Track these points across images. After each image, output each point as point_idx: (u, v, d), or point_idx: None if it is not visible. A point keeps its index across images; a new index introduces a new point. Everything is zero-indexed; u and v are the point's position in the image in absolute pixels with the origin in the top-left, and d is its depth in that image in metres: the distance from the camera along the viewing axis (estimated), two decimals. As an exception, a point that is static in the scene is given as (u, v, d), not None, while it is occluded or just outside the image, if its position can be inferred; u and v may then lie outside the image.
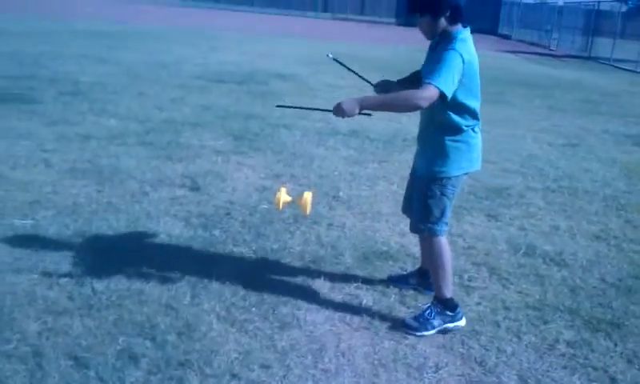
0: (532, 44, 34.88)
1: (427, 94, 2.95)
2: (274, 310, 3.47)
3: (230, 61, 14.34)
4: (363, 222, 4.91)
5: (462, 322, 3.42)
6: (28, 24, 20.47)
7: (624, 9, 29.65)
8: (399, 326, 3.40)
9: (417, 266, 3.95)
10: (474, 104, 3.28)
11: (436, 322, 3.38)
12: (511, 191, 6.01)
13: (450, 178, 3.30)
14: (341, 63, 3.75)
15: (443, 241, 3.39)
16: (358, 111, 3.01)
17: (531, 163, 7.18)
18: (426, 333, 3.34)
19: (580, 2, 31.99)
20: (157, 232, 4.40)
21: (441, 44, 3.13)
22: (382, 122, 8.21)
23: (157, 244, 4.20)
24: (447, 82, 2.98)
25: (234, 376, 2.87)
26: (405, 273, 3.98)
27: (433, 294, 3.51)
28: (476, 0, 55.62)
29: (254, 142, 7.06)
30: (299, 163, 6.18)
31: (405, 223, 4.91)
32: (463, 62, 3.03)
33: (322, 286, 3.79)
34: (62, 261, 3.86)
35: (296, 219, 4.75)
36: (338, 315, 3.45)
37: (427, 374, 3.02)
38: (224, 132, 7.46)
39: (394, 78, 3.56)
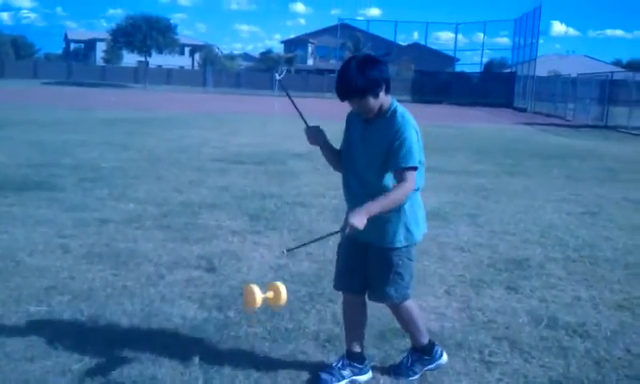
0: (548, 115, 35.11)
1: (412, 179, 3.11)
2: (288, 392, 3.39)
3: (249, 143, 14.57)
4: (380, 298, 4.84)
5: (444, 358, 3.66)
6: (57, 114, 21.11)
7: (638, 77, 29.82)
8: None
9: (347, 350, 3.61)
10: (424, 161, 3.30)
11: (418, 368, 3.57)
12: (531, 262, 5.92)
13: (413, 243, 3.36)
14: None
15: (411, 300, 3.49)
16: (365, 222, 3.00)
17: (551, 233, 7.09)
18: (414, 377, 3.54)
19: (593, 74, 32.28)
20: (171, 315, 4.36)
21: (380, 118, 3.20)
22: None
23: (171, 328, 4.17)
24: (419, 153, 3.16)
25: None
26: (334, 366, 3.55)
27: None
28: (491, 77, 56.71)
29: (271, 221, 7.08)
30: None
31: (422, 298, 4.86)
32: (414, 127, 3.18)
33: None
34: (76, 347, 3.83)
35: (311, 297, 4.71)
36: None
37: None
38: (241, 212, 7.51)
39: None
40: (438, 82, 51.96)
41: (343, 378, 3.51)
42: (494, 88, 49.19)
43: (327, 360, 3.72)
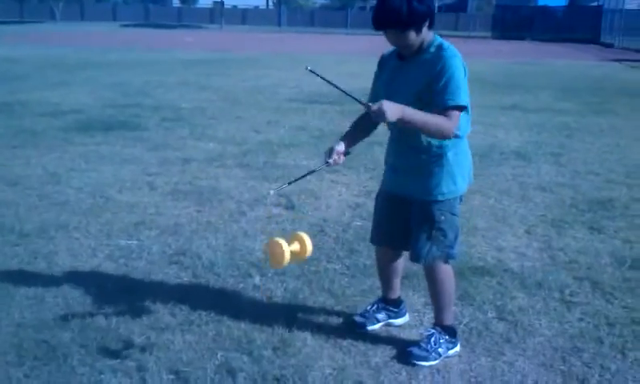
0: (638, 51, 33.31)
1: (456, 121, 2.82)
2: (367, 326, 3.47)
3: (326, 82, 14.51)
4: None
5: (458, 348, 3.24)
6: (134, 56, 21.59)
7: None
8: (406, 357, 3.17)
9: (383, 297, 3.54)
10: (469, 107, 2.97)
11: (442, 350, 3.17)
12: (615, 203, 5.75)
13: (458, 197, 3.11)
14: (319, 75, 3.16)
15: (450, 267, 3.20)
16: (395, 119, 2.73)
17: (637, 173, 6.84)
18: (433, 362, 3.12)
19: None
20: (253, 250, 4.51)
21: (421, 54, 2.91)
22: (477, 136, 8.07)
23: (253, 262, 4.30)
24: (466, 95, 2.84)
25: (328, 391, 2.89)
26: (368, 310, 3.52)
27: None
28: (576, 10, 54.17)
29: (347, 159, 7.08)
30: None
31: (502, 238, 4.83)
32: (462, 64, 2.87)
33: (416, 301, 3.76)
34: (164, 279, 4.04)
35: (390, 235, 4.74)
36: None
37: (526, 391, 2.93)
38: (318, 151, 7.56)
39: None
40: (521, 16, 49.90)
41: (378, 321, 3.45)
42: (579, 22, 46.91)
43: (404, 295, 3.78)
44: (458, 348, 3.23)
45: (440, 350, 3.16)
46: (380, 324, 3.47)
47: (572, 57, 27.44)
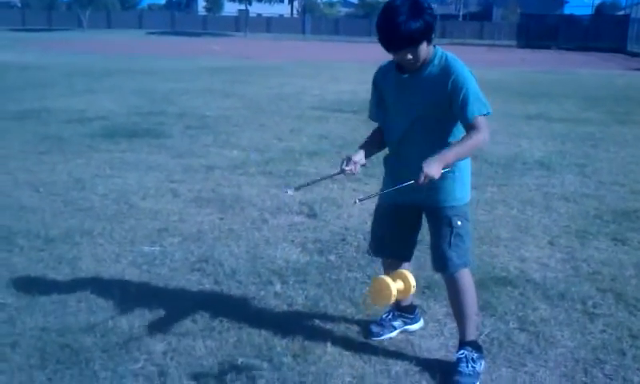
0: (665, 60, 32.91)
1: (486, 127, 2.80)
2: (388, 335, 3.47)
3: (348, 90, 14.57)
4: (481, 247, 4.80)
5: (483, 362, 3.16)
6: (158, 63, 21.82)
7: None
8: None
9: (404, 304, 3.50)
10: None
11: (477, 367, 3.09)
12: (641, 214, 5.68)
13: (468, 203, 3.10)
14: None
15: (469, 274, 3.15)
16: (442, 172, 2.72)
17: (664, 184, 6.76)
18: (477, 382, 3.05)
19: None
20: (275, 258, 4.53)
21: (425, 68, 2.86)
22: (500, 145, 8.03)
23: (275, 269, 4.32)
24: (486, 100, 2.83)
25: (347, 399, 2.89)
26: (384, 318, 3.50)
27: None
28: (602, 19, 53.63)
29: (369, 168, 7.02)
30: (415, 189, 6.12)
31: (525, 248, 4.80)
32: (470, 71, 2.87)
33: (437, 311, 3.75)
34: (187, 285, 4.07)
35: (411, 245, 4.73)
36: (452, 342, 3.38)
37: (547, 403, 2.90)
38: (340, 159, 7.55)
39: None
40: (546, 25, 49.63)
41: (395, 328, 3.46)
42: (605, 31, 46.52)
43: (426, 305, 3.77)
44: (483, 362, 3.18)
45: (477, 368, 3.09)
46: (397, 331, 3.48)
47: (597, 66, 27.19)
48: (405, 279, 2.93)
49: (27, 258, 4.42)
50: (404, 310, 3.50)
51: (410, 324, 3.53)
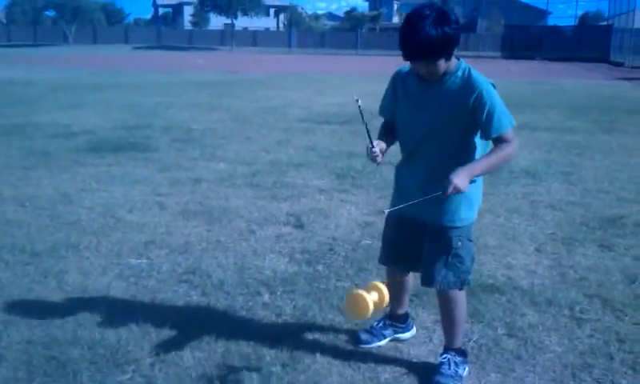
0: (648, 69, 33.25)
1: (514, 139, 2.83)
2: (376, 343, 3.46)
3: (335, 102, 14.61)
4: (468, 255, 4.82)
5: (467, 368, 3.20)
6: (144, 77, 21.78)
7: None
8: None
9: (391, 313, 3.50)
10: None
11: (460, 371, 3.13)
12: (626, 221, 5.72)
13: (473, 222, 3.08)
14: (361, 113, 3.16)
15: (463, 291, 3.15)
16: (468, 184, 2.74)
17: (648, 191, 6.82)
18: None
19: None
20: (263, 268, 4.52)
21: (448, 79, 2.85)
22: (486, 155, 8.04)
23: (263, 280, 4.31)
24: (510, 114, 2.85)
25: (337, 408, 2.89)
26: (375, 326, 3.50)
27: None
28: (585, 29, 54.18)
29: (357, 179, 7.14)
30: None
31: (512, 256, 4.82)
32: (491, 85, 2.86)
33: (425, 319, 3.75)
34: (174, 297, 4.05)
35: (399, 253, 4.74)
36: (441, 349, 3.38)
37: (536, 408, 2.91)
38: (327, 171, 7.60)
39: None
40: (530, 36, 50.07)
41: (384, 336, 3.45)
42: (588, 42, 46.98)
43: (414, 313, 3.78)
44: (467, 367, 3.21)
45: (459, 371, 3.12)
46: (387, 340, 3.47)
47: (581, 76, 27.46)
48: (379, 290, 3.04)
49: (13, 273, 4.39)
50: (396, 319, 3.49)
51: (402, 333, 3.51)
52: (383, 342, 3.46)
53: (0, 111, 12.63)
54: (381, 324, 3.49)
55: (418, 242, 3.10)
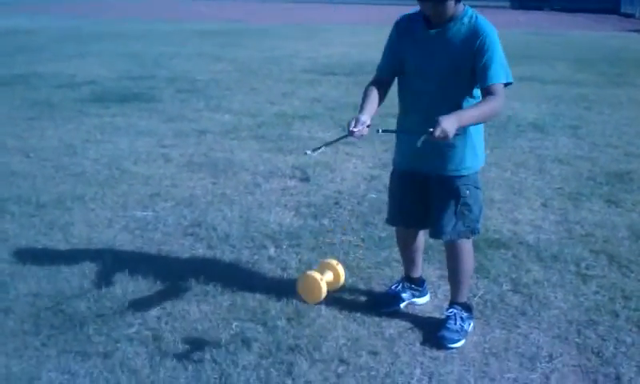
0: (659, 21, 32.68)
1: (503, 96, 2.74)
2: (382, 298, 3.47)
3: (340, 53, 14.44)
4: (474, 209, 4.80)
5: (473, 322, 3.20)
6: (148, 26, 21.52)
7: None
8: (440, 344, 3.06)
9: (407, 275, 3.47)
10: None
11: (466, 326, 3.13)
12: (633, 176, 5.68)
13: (479, 171, 3.04)
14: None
15: (471, 242, 3.15)
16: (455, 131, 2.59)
17: (657, 146, 6.76)
18: (464, 341, 3.06)
19: None
20: (268, 222, 4.51)
21: (453, 25, 2.79)
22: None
23: (268, 233, 4.31)
24: (509, 69, 2.79)
25: (342, 361, 2.91)
26: (393, 289, 3.47)
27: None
28: (596, -22, 53.05)
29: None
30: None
31: (518, 211, 4.80)
32: (498, 36, 2.79)
33: (430, 274, 3.75)
34: (180, 250, 4.06)
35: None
36: (446, 304, 3.37)
37: (540, 363, 2.92)
38: (333, 123, 7.54)
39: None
40: (539, -14, 49.11)
41: (403, 300, 3.39)
42: (599, -9, 46.07)
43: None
44: (472, 322, 3.22)
45: (465, 326, 3.12)
46: (405, 303, 3.42)
47: (590, 27, 27.03)
48: (333, 269, 3.22)
49: (19, 224, 4.39)
50: (413, 282, 3.45)
51: (418, 297, 3.47)
52: (402, 305, 3.40)
53: (3, 61, 12.54)
54: (399, 286, 3.45)
55: (425, 198, 3.07)
